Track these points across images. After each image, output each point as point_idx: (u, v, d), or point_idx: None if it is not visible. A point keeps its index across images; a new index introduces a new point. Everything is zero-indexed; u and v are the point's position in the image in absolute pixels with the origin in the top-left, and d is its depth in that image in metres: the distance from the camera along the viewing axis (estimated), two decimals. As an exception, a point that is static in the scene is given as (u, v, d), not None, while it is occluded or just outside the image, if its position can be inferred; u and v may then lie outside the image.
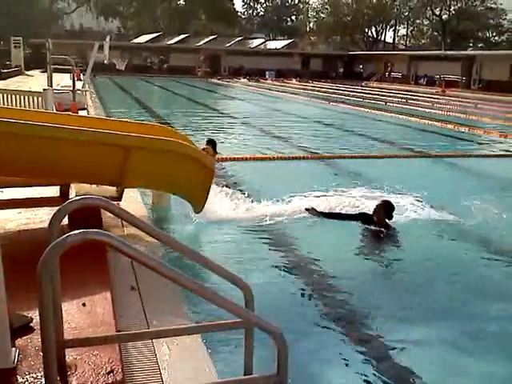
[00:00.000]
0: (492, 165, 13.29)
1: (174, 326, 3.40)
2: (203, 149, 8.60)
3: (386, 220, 7.30)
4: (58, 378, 2.48)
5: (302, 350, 4.07)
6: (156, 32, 72.39)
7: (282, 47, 68.86)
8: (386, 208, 7.35)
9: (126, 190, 6.18)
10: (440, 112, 25.42)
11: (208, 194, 6.03)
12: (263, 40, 75.70)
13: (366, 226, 7.33)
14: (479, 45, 76.36)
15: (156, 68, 60.29)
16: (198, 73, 59.52)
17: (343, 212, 7.82)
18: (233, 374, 3.02)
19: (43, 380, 2.65)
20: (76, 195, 5.51)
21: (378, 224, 7.26)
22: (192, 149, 6.09)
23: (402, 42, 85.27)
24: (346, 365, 4.14)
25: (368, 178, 10.40)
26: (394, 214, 7.41)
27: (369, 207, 7.73)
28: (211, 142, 10.43)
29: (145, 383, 3.06)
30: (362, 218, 7.48)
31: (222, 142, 14.92)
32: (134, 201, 7.17)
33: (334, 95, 35.12)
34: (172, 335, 3.19)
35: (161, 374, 3.15)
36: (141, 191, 7.67)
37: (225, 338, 3.87)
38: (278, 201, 8.13)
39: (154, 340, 3.47)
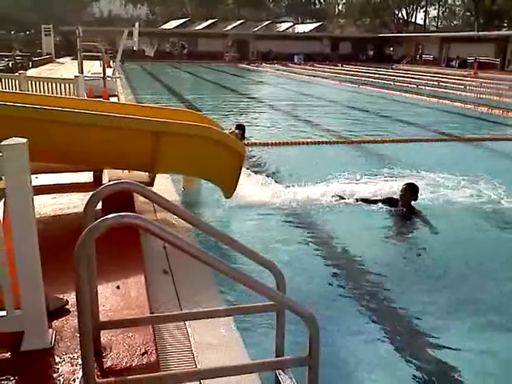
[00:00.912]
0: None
1: (206, 308, 3.43)
2: (231, 133, 8.61)
3: (412, 202, 7.26)
4: (94, 359, 2.54)
5: (331, 334, 4.07)
6: (184, 17, 72.40)
7: (311, 31, 68.21)
8: (411, 190, 7.32)
9: (157, 175, 6.23)
10: (472, 95, 24.92)
11: (238, 179, 6.04)
12: (291, 24, 75.07)
13: (393, 209, 7.29)
14: (514, 25, 74.39)
15: (177, 54, 60.11)
16: (226, 58, 59.46)
17: (371, 198, 7.77)
18: (264, 356, 3.04)
19: (79, 360, 2.73)
20: (109, 181, 5.58)
21: (404, 206, 7.22)
22: (222, 134, 6.10)
23: (433, 23, 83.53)
24: (374, 349, 4.13)
25: (399, 162, 10.29)
26: (422, 196, 7.38)
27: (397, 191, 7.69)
28: (240, 127, 10.43)
29: (178, 364, 3.11)
30: (388, 202, 7.44)
31: (251, 127, 14.95)
32: (166, 186, 7.23)
33: (363, 78, 34.70)
34: (204, 317, 3.22)
35: (193, 355, 3.20)
36: (172, 177, 7.73)
37: (257, 320, 3.90)
38: (307, 185, 8.11)
39: (186, 322, 3.52)
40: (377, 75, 37.80)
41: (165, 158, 5.53)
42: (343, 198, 7.65)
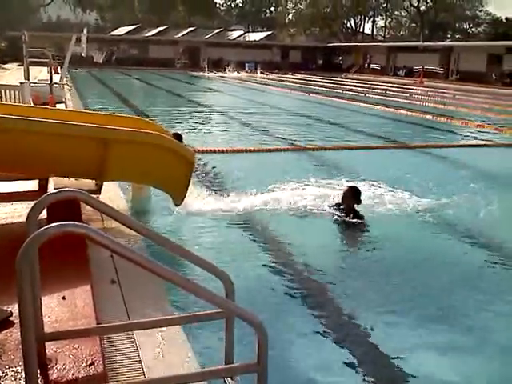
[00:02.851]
0: (469, 155, 13.44)
1: (155, 317, 3.40)
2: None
3: (356, 206, 7.38)
4: (39, 372, 2.48)
5: (280, 340, 4.10)
6: (134, 24, 71.70)
7: (261, 39, 68.69)
8: (353, 193, 7.41)
9: (105, 183, 6.15)
10: (418, 103, 25.64)
11: (188, 186, 6.03)
12: (242, 32, 75.42)
13: (338, 213, 7.38)
14: (457, 36, 76.96)
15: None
16: (177, 65, 59.24)
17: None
18: (214, 364, 3.04)
19: (23, 374, 2.65)
20: (54, 189, 5.47)
21: (347, 210, 7.31)
22: (171, 141, 6.07)
23: (380, 33, 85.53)
24: (325, 354, 4.18)
25: (348, 169, 10.47)
26: (368, 201, 7.52)
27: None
28: (176, 136, 10.33)
29: (126, 374, 3.06)
30: (335, 207, 7.54)
31: (201, 134, 14.95)
32: (114, 194, 7.13)
33: (313, 87, 35.20)
34: (152, 327, 3.19)
35: (142, 365, 3.17)
36: (120, 184, 7.64)
37: (207, 328, 3.89)
38: (257, 193, 8.14)
39: (135, 332, 3.47)
40: (326, 84, 38.42)
41: (113, 165, 5.46)
42: (292, 205, 7.71)
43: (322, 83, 39.14)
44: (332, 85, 37.48)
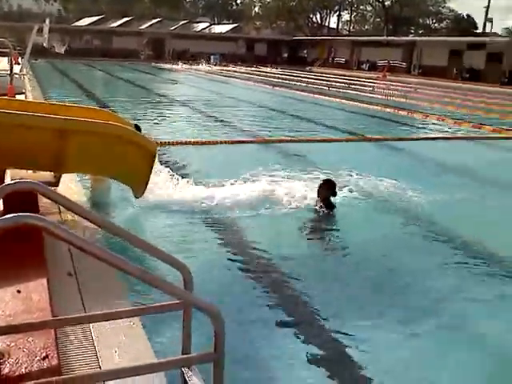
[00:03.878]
0: (429, 147, 13.70)
1: (111, 309, 3.37)
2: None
3: (331, 198, 7.46)
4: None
5: (239, 330, 4.11)
6: (98, 15, 70.54)
7: (227, 31, 68.44)
8: (329, 186, 7.50)
9: (64, 175, 6.05)
10: (381, 97, 25.94)
11: (149, 178, 5.98)
12: (208, 24, 75.00)
13: (313, 205, 7.44)
14: (420, 31, 78.09)
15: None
16: (142, 56, 58.59)
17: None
18: (172, 355, 3.03)
19: (-26, 368, 2.60)
20: (11, 180, 5.36)
21: (323, 202, 7.38)
22: (132, 132, 6.02)
23: (345, 27, 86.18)
24: (283, 345, 4.20)
25: (312, 161, 10.55)
26: (338, 195, 7.59)
27: (312, 189, 7.87)
28: (135, 127, 10.22)
29: (81, 367, 3.03)
30: (306, 198, 7.59)
31: (165, 126, 14.85)
32: (72, 186, 7.03)
33: (278, 80, 35.27)
34: (108, 319, 3.16)
35: (98, 357, 3.14)
36: (79, 175, 7.53)
37: (166, 319, 3.87)
38: (221, 185, 8.13)
39: (91, 324, 3.44)
40: (291, 77, 38.54)
41: (72, 157, 5.37)
42: (255, 197, 7.71)
43: (286, 76, 39.24)
44: (297, 78, 37.61)
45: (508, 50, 40.05)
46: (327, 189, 7.45)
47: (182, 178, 8.37)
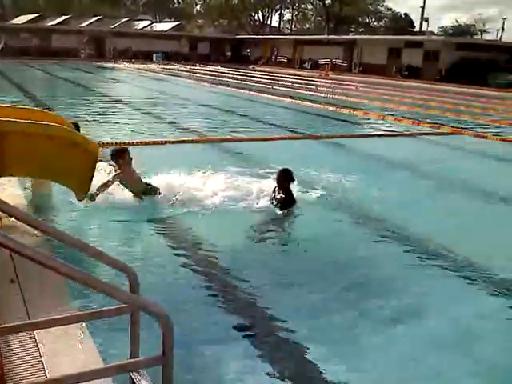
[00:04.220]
0: (370, 144, 14.04)
1: (56, 315, 3.31)
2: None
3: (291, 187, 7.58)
4: None
5: (188, 332, 4.10)
6: (36, 13, 68.46)
7: (169, 29, 67.82)
8: (285, 174, 7.61)
9: (2, 178, 5.88)
10: (324, 95, 26.32)
11: (91, 180, 5.87)
12: (150, 22, 74.06)
13: (273, 195, 7.53)
14: (360, 30, 79.68)
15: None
16: (82, 55, 57.31)
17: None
18: (119, 359, 3.00)
19: None
20: None
21: (284, 191, 7.48)
22: (74, 133, 5.90)
23: (287, 26, 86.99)
24: (233, 345, 4.21)
25: (257, 159, 10.60)
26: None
27: (259, 187, 7.93)
28: (74, 125, 10.02)
29: (27, 374, 2.97)
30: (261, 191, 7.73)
31: (108, 126, 14.60)
32: (12, 189, 6.83)
33: (221, 78, 35.24)
34: (52, 325, 3.10)
35: (43, 364, 3.08)
36: (20, 179, 7.32)
37: (115, 323, 3.82)
38: (166, 185, 8.05)
39: (36, 331, 3.37)
40: (235, 75, 38.59)
41: (10, 160, 5.23)
42: (206, 196, 7.69)
43: (230, 75, 39.26)
44: (240, 76, 37.69)
45: (444, 49, 41.41)
46: (284, 177, 7.57)
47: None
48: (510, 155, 12.95)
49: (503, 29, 73.79)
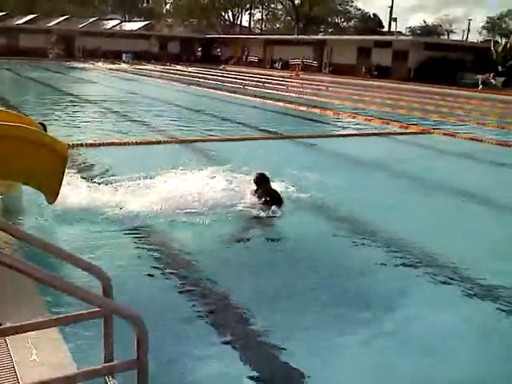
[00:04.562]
0: (341, 144, 14.16)
1: (28, 320, 3.25)
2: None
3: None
4: None
5: (163, 337, 4.07)
6: (2, 11, 67.11)
7: (139, 29, 67.28)
8: (262, 177, 7.68)
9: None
10: (294, 95, 26.43)
11: (61, 182, 5.77)
12: (119, 21, 73.35)
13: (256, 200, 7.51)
14: (330, 30, 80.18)
15: None
16: (50, 55, 56.45)
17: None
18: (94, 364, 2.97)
19: None
20: None
21: (265, 193, 7.48)
22: (40, 134, 5.77)
23: (257, 26, 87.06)
24: (209, 348, 4.20)
25: (228, 160, 10.56)
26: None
27: (230, 188, 7.92)
28: (41, 125, 9.87)
29: (-2, 383, 2.92)
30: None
31: (77, 127, 14.42)
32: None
33: (192, 78, 35.11)
34: (24, 331, 3.05)
35: (16, 371, 3.02)
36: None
37: (88, 327, 3.78)
38: (138, 187, 7.99)
39: (8, 338, 3.30)
40: (206, 75, 38.50)
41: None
42: (177, 198, 7.62)
43: (201, 75, 39.14)
44: (211, 76, 37.61)
45: (412, 48, 41.98)
46: (264, 180, 7.63)
47: (96, 180, 8.18)
48: (478, 154, 13.18)
49: (469, 29, 75.08)
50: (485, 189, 9.58)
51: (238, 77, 37.81)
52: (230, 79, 35.20)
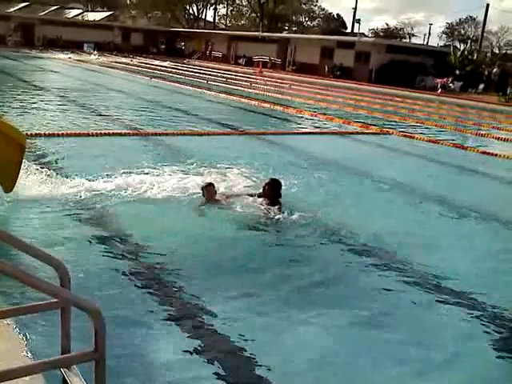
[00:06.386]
0: (303, 141, 14.28)
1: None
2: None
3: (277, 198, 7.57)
4: None
5: (123, 328, 4.06)
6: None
7: (101, 19, 66.24)
8: (274, 185, 7.62)
9: None
10: (257, 92, 26.47)
11: (19, 171, 5.66)
12: (81, 10, 72.07)
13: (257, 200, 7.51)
14: (294, 28, 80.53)
15: None
16: (9, 42, 55.03)
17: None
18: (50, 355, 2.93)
19: None
20: None
21: (268, 201, 7.45)
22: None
23: (222, 21, 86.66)
24: (169, 338, 4.21)
25: (190, 154, 10.54)
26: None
27: (192, 183, 7.92)
28: None
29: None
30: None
31: (36, 117, 14.12)
32: None
33: (156, 71, 34.78)
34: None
35: (-32, 363, 2.96)
36: None
37: (47, 318, 3.73)
38: (97, 179, 7.92)
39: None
40: (169, 69, 38.17)
41: None
42: (138, 191, 7.59)
43: (164, 68, 38.80)
44: (174, 70, 37.31)
45: (374, 50, 42.55)
46: (272, 189, 7.58)
47: (55, 171, 8.05)
48: (434, 155, 13.48)
49: (429, 33, 76.40)
50: (440, 189, 9.84)
51: (202, 71, 37.61)
52: (194, 73, 34.99)
